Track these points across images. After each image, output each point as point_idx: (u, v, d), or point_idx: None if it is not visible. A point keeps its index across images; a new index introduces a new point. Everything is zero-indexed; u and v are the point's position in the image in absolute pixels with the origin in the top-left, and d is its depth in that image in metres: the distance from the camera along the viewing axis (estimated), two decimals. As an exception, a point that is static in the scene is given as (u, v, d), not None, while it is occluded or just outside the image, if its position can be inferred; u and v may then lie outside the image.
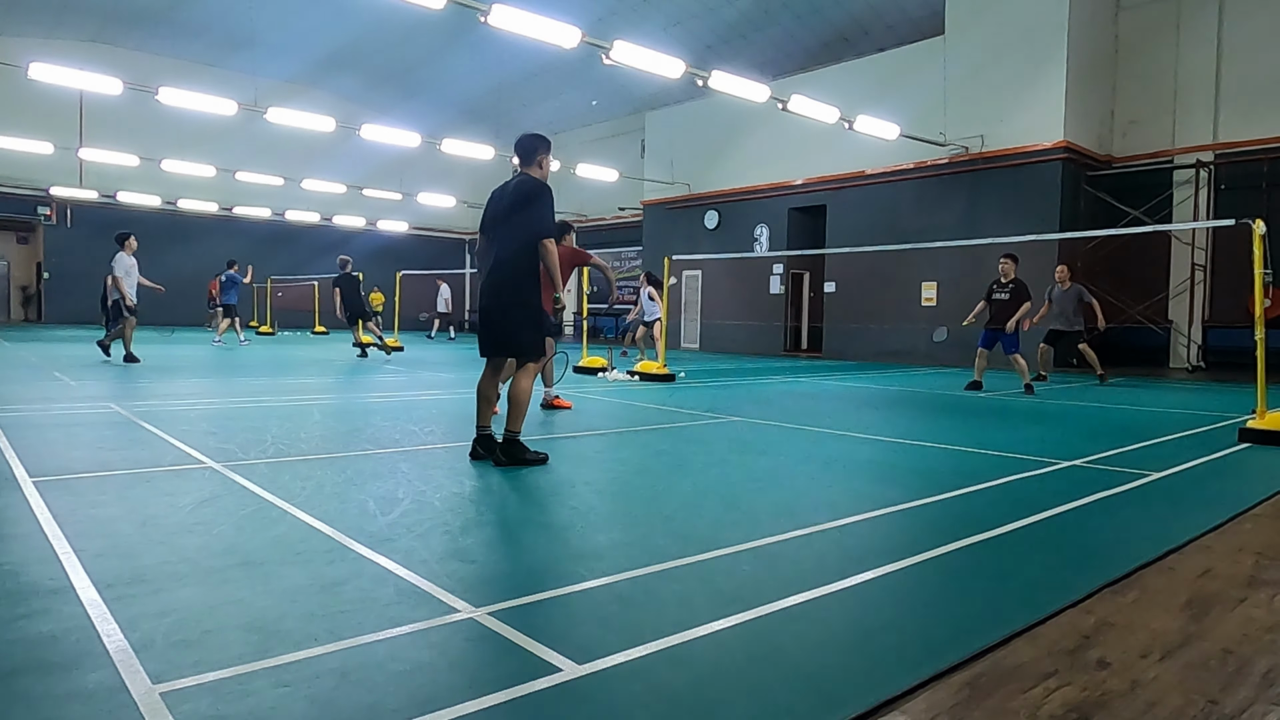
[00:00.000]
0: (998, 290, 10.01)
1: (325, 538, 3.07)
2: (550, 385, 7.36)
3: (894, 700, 1.87)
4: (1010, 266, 9.95)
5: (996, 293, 10.02)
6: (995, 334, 10.02)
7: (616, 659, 2.03)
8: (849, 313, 18.44)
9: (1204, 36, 15.06)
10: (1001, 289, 9.97)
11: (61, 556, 2.75)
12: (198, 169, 23.28)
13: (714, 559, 2.91)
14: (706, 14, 20.42)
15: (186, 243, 27.34)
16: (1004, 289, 9.95)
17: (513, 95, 26.98)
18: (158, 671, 1.90)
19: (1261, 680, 2.03)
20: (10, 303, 27.80)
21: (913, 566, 2.87)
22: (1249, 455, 5.53)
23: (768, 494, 4.07)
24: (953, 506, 3.87)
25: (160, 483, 3.95)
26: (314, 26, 23.59)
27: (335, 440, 5.42)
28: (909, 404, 8.85)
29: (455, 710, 1.75)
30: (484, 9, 9.54)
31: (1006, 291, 9.91)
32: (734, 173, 21.09)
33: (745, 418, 7.14)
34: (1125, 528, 3.53)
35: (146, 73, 22.29)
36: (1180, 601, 2.60)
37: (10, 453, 4.56)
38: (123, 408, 6.65)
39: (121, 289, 11.43)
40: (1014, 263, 9.99)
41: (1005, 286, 9.94)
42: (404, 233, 31.87)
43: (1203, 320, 15.27)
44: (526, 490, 4.04)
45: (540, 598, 2.48)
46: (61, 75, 14.01)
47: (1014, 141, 15.47)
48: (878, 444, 5.79)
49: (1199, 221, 14.75)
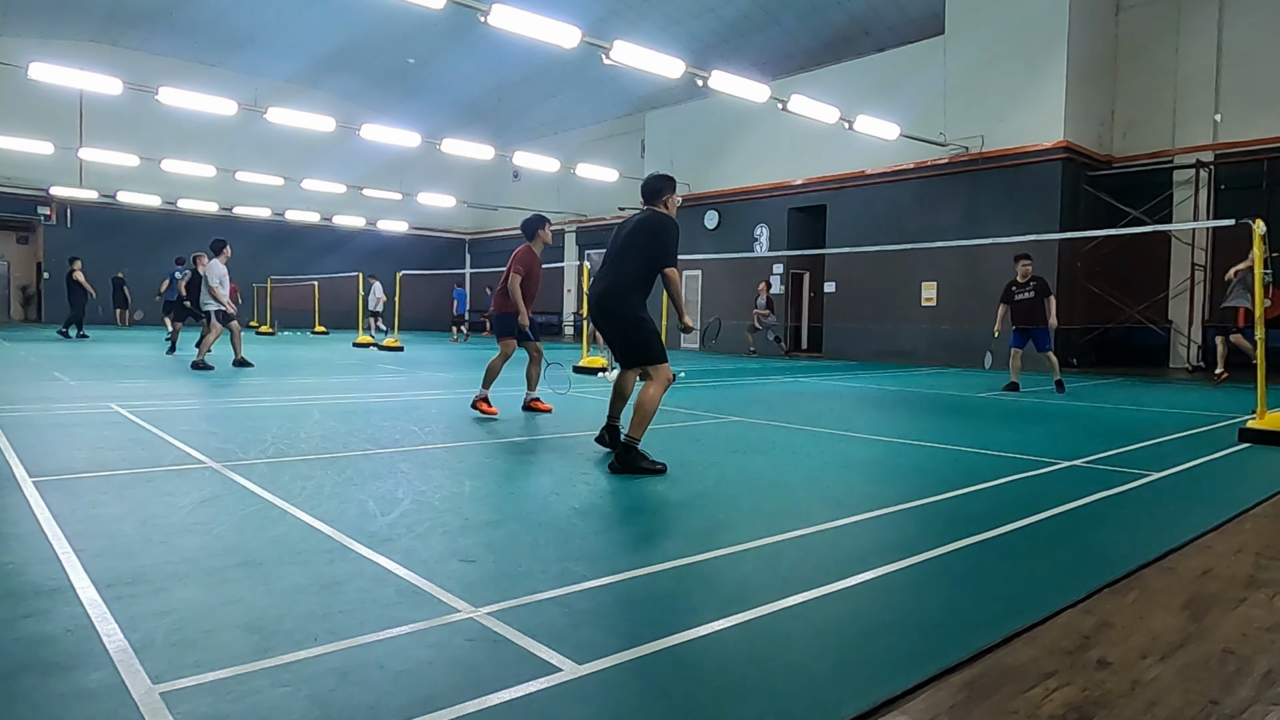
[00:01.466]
0: (1019, 291, 10.14)
1: (325, 538, 3.07)
2: (533, 388, 7.25)
3: (894, 700, 1.87)
4: (1029, 267, 10.15)
5: (1018, 294, 10.15)
6: (1027, 333, 10.18)
7: (616, 659, 2.03)
8: (849, 313, 18.43)
9: (1204, 36, 15.05)
10: (1022, 289, 10.11)
11: (61, 556, 2.75)
12: (198, 169, 23.28)
13: (714, 559, 2.91)
14: (706, 14, 20.42)
15: (186, 243, 27.27)
16: (1024, 289, 10.09)
17: (513, 95, 26.97)
18: (158, 671, 1.90)
19: (1261, 680, 2.03)
20: (10, 303, 27.79)
21: (912, 566, 2.87)
22: (1249, 455, 5.53)
23: (768, 494, 4.07)
24: (953, 506, 3.87)
25: (160, 483, 3.95)
26: (314, 26, 23.59)
27: (335, 440, 5.42)
28: (909, 404, 8.85)
29: (455, 710, 1.75)
30: (484, 9, 9.54)
31: (1030, 290, 10.05)
32: (734, 173, 21.09)
33: (745, 418, 7.14)
34: (1125, 528, 3.53)
35: (146, 73, 22.29)
36: (1180, 601, 2.60)
37: (10, 453, 4.56)
38: (123, 408, 6.65)
39: (219, 297, 11.45)
40: (1031, 262, 10.19)
41: (1025, 286, 10.09)
42: (404, 233, 31.87)
43: (1203, 320, 15.27)
44: (526, 490, 4.04)
45: (540, 598, 2.48)
46: (61, 75, 14.01)
47: (1014, 141, 15.46)
48: (878, 444, 5.79)
49: (1199, 221, 14.74)
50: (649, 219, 4.82)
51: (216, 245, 11.60)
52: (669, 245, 4.71)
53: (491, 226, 33.66)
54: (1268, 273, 6.18)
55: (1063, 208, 14.93)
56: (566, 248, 29.37)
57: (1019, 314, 10.17)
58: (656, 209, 4.87)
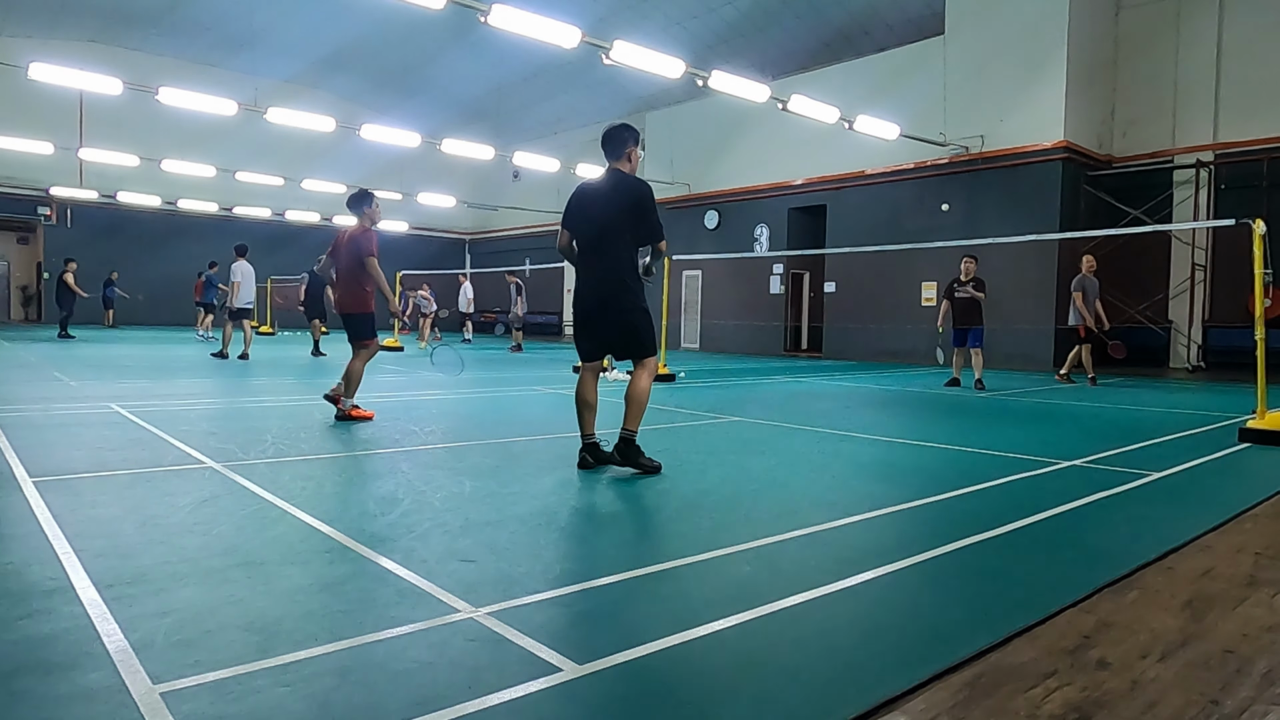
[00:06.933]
0: (959, 289, 10.45)
1: (325, 538, 3.07)
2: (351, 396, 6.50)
3: (894, 700, 1.87)
4: (972, 265, 10.46)
5: (958, 291, 10.46)
6: (964, 331, 10.57)
7: (616, 659, 2.03)
8: (849, 313, 18.44)
9: (1204, 36, 15.05)
10: (963, 287, 10.41)
11: (61, 556, 2.75)
12: (198, 169, 23.27)
13: (714, 559, 2.91)
14: (706, 14, 20.42)
15: (186, 243, 27.33)
16: (964, 287, 10.40)
17: (513, 95, 26.97)
18: (158, 671, 1.90)
19: (1261, 680, 2.03)
20: (10, 303, 27.79)
21: (913, 566, 2.87)
22: (1249, 455, 5.53)
23: (768, 494, 4.07)
24: (953, 506, 3.87)
25: (160, 483, 3.95)
26: (314, 26, 23.59)
27: (335, 440, 5.42)
28: (909, 404, 8.85)
29: (455, 710, 1.75)
30: (484, 9, 9.54)
31: (968, 289, 10.37)
32: (734, 173, 21.09)
33: (745, 418, 7.14)
34: (1125, 528, 3.53)
35: (146, 73, 22.30)
36: (1180, 601, 2.59)
37: (10, 453, 4.56)
38: (123, 408, 6.65)
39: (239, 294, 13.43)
40: (975, 261, 10.52)
41: (966, 284, 10.39)
42: (404, 233, 31.87)
43: (1203, 320, 15.27)
44: (526, 490, 4.04)
45: (540, 598, 2.48)
46: (61, 75, 14.00)
47: (1014, 141, 15.47)
48: (878, 444, 5.79)
49: (1199, 221, 14.74)
50: (625, 192, 4.50)
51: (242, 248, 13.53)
52: (655, 220, 4.53)
53: (492, 226, 33.68)
54: (1268, 272, 6.17)
55: (1062, 208, 14.94)
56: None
57: (958, 311, 10.51)
58: (620, 166, 4.60)
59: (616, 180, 4.57)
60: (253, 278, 13.63)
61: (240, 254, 13.46)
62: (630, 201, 4.51)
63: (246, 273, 13.44)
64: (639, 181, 4.61)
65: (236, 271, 13.31)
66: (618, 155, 4.63)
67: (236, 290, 13.41)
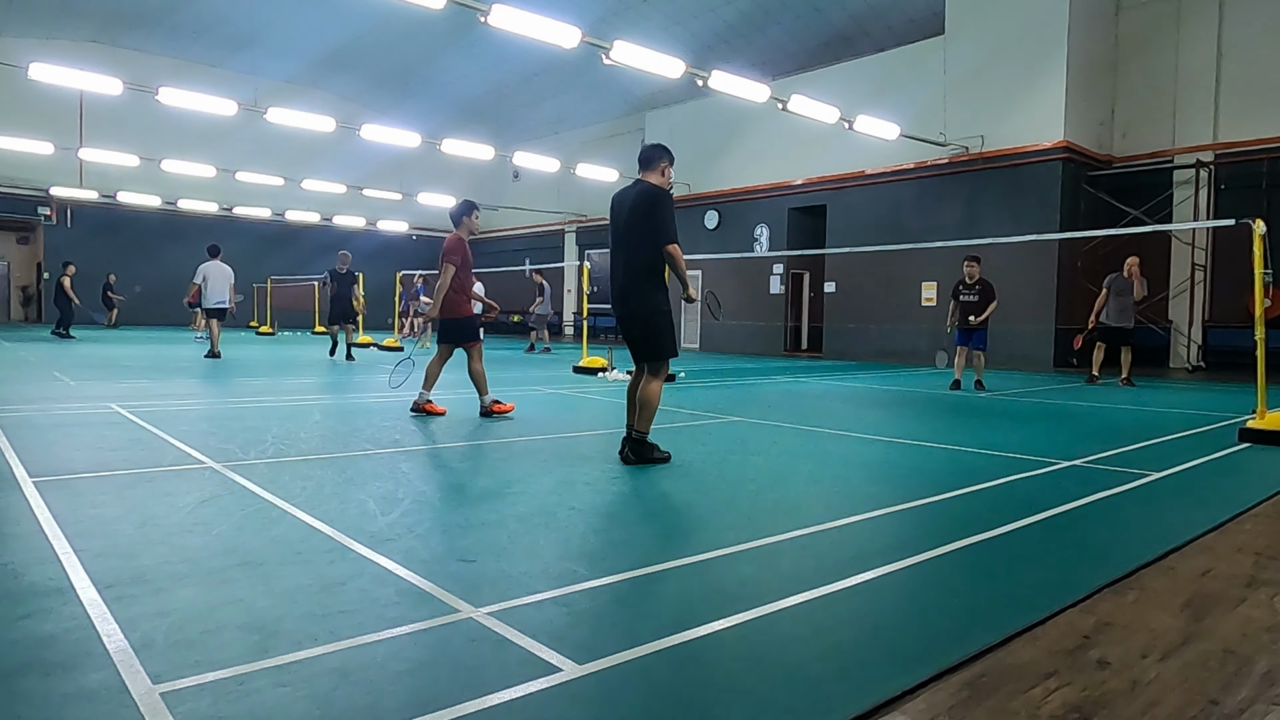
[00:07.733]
0: (965, 292, 10.49)
1: (325, 538, 3.07)
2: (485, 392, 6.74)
3: (894, 700, 1.87)
4: (975, 268, 10.46)
5: (964, 295, 10.50)
6: (969, 333, 10.57)
7: (616, 659, 2.03)
8: (849, 313, 18.43)
9: (1204, 36, 15.05)
10: (969, 290, 10.45)
11: (61, 556, 2.75)
12: (198, 169, 23.26)
13: (714, 559, 2.91)
14: (706, 14, 20.41)
15: (186, 243, 27.31)
16: (970, 290, 10.43)
17: (513, 95, 26.97)
18: (158, 671, 1.90)
19: (1261, 680, 2.03)
20: (10, 303, 27.79)
21: (912, 566, 2.87)
22: (1249, 455, 5.53)
23: (767, 494, 4.07)
24: (953, 506, 3.87)
25: (160, 483, 3.95)
26: (314, 26, 23.58)
27: (335, 440, 5.42)
28: (909, 404, 8.85)
29: (455, 710, 1.75)
30: (484, 9, 9.54)
31: (975, 293, 10.41)
32: (734, 173, 21.09)
33: (745, 418, 7.14)
34: (1125, 528, 3.53)
35: (146, 73, 22.27)
36: (1180, 601, 2.59)
37: (10, 453, 4.56)
38: (123, 408, 6.65)
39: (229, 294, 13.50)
40: (978, 264, 10.51)
41: (972, 288, 10.43)
42: (404, 233, 31.88)
43: (1203, 320, 15.27)
44: (526, 490, 4.04)
45: (540, 598, 2.48)
46: (61, 75, 14.00)
47: (1014, 141, 15.46)
48: (878, 444, 5.79)
49: (1199, 221, 14.73)
50: (642, 195, 4.75)
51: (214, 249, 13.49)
52: (666, 220, 4.67)
53: (492, 227, 33.66)
54: (1268, 272, 6.17)
55: (1062, 208, 14.93)
56: (566, 247, 29.38)
57: (963, 314, 10.55)
58: (650, 178, 4.83)
59: (639, 187, 4.85)
60: (226, 278, 13.31)
61: (212, 255, 13.35)
62: (644, 203, 4.73)
63: (215, 273, 13.19)
64: (655, 186, 4.83)
65: (200, 272, 13.18)
66: (648, 168, 4.90)
67: (195, 291, 13.40)
